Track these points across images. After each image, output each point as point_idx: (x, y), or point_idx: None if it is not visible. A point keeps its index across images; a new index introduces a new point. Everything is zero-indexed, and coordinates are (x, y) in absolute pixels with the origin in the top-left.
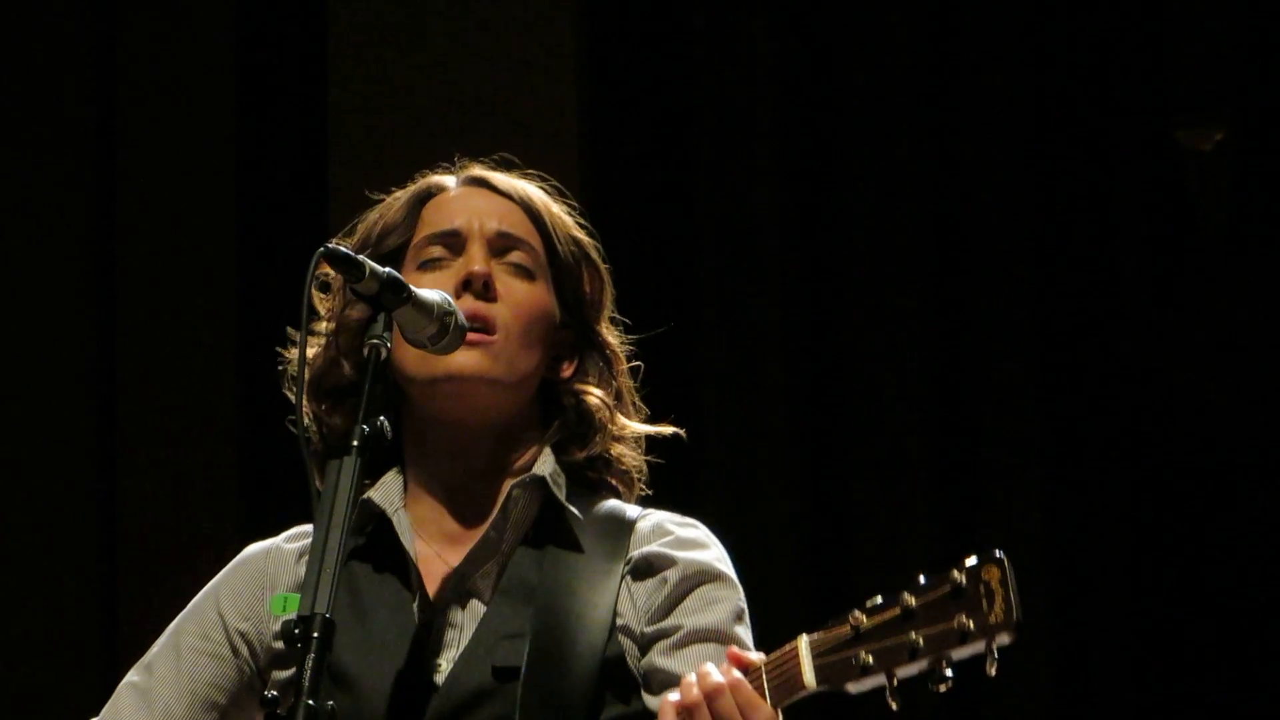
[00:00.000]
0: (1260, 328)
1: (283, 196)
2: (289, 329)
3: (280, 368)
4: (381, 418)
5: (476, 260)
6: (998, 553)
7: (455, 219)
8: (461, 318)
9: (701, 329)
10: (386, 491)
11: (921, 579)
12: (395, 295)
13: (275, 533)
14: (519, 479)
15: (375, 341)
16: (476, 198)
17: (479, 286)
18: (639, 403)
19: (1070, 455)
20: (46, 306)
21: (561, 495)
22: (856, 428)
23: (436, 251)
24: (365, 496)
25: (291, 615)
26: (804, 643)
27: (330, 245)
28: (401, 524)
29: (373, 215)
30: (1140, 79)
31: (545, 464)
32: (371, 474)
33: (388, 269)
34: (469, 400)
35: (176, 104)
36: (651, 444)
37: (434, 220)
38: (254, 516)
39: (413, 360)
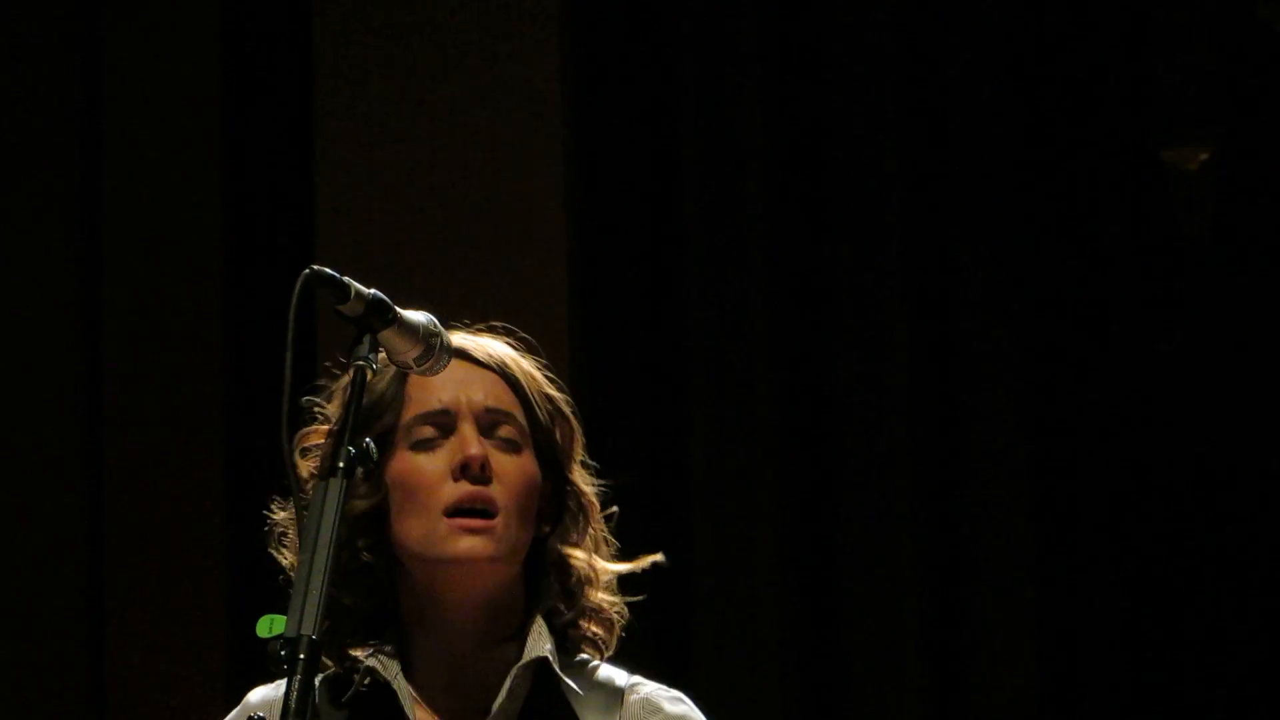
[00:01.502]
0: (1246, 345)
1: (270, 208)
2: (273, 499)
3: (266, 528)
4: (368, 439)
5: (471, 443)
6: None
7: (443, 396)
8: (447, 339)
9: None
10: (385, 658)
11: None
12: (381, 318)
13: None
14: (523, 661)
15: (361, 363)
16: (459, 371)
17: (476, 469)
18: (610, 537)
19: (1057, 471)
20: (34, 311)
21: (558, 668)
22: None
23: (429, 432)
24: (368, 664)
25: (277, 636)
26: None
27: (315, 268)
28: (403, 694)
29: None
30: (1126, 99)
31: (542, 639)
32: (372, 635)
33: (373, 290)
34: (471, 581)
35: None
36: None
37: (421, 398)
38: (243, 524)
39: (416, 539)
